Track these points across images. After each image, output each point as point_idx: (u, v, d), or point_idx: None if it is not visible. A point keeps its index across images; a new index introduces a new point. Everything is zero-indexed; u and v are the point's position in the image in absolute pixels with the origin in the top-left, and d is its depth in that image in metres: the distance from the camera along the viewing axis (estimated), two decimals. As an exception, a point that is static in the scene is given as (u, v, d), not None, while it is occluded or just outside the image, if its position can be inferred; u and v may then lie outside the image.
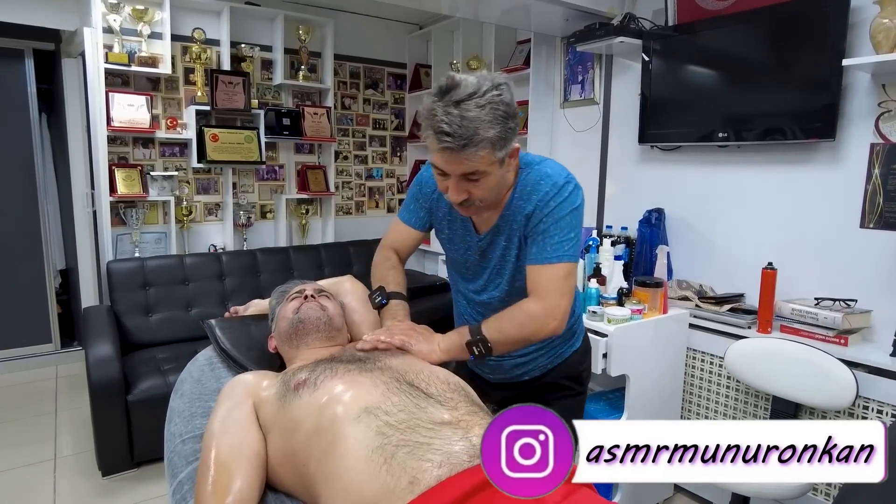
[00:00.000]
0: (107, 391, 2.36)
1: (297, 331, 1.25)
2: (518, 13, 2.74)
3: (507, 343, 1.22)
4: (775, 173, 2.25)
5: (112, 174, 3.08)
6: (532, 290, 1.21)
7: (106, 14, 2.98)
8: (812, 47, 2.02)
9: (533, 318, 1.18)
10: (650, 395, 2.14)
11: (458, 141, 1.05)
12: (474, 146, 1.06)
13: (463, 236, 1.35)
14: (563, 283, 1.20)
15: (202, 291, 3.07)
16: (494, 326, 1.20)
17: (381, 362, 1.08)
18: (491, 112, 1.06)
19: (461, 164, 1.10)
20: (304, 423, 0.97)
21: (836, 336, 1.91)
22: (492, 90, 1.07)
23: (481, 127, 1.05)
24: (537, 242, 1.21)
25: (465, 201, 1.16)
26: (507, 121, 1.09)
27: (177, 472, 1.10)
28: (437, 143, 1.08)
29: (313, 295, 1.31)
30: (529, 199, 1.22)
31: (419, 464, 0.83)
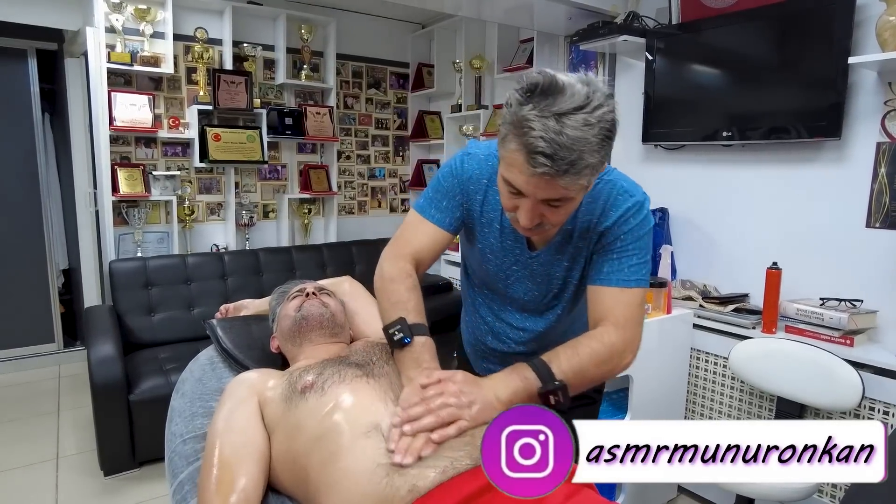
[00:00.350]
0: (109, 391, 2.35)
1: (300, 328, 1.24)
2: (521, 12, 2.73)
3: (584, 384, 1.01)
4: (780, 172, 2.23)
5: (114, 174, 3.08)
6: (605, 317, 1.04)
7: (108, 14, 2.98)
8: (817, 45, 2.00)
9: (614, 351, 1.01)
10: (654, 395, 2.13)
11: (558, 166, 0.84)
12: (575, 173, 0.86)
13: (512, 248, 1.15)
14: (640, 311, 1.07)
15: (204, 291, 3.07)
16: (570, 366, 0.98)
17: (387, 367, 1.07)
18: (600, 133, 0.85)
19: (550, 191, 0.90)
20: (308, 428, 0.96)
21: (841, 336, 1.90)
22: (603, 105, 0.86)
23: (587, 151, 0.85)
24: (611, 262, 1.06)
25: (538, 226, 0.97)
26: (611, 143, 0.89)
27: (177, 473, 1.09)
28: (529, 165, 0.86)
29: (314, 292, 1.30)
30: (606, 213, 1.07)
31: (419, 470, 0.82)
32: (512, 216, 1.00)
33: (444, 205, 1.15)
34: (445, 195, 1.15)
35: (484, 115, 3.56)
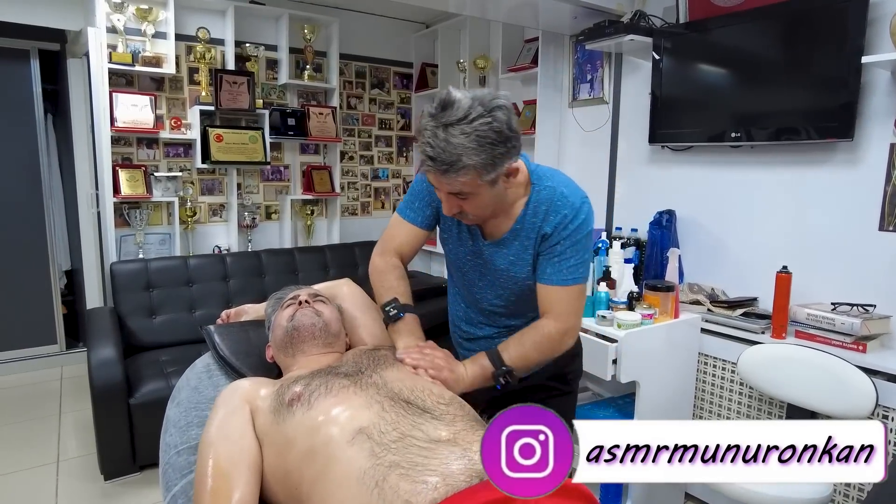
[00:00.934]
0: (109, 394, 2.33)
1: (292, 339, 1.21)
2: (526, 11, 2.69)
3: (529, 367, 1.24)
4: (790, 174, 2.19)
5: (116, 175, 3.06)
6: (548, 310, 1.23)
7: (110, 14, 2.96)
8: (829, 44, 1.95)
9: (552, 340, 1.22)
10: (661, 401, 2.09)
11: (439, 165, 1.07)
12: (455, 172, 1.07)
13: (469, 239, 1.33)
14: (578, 303, 1.25)
15: (206, 293, 3.04)
16: (517, 353, 1.21)
17: (375, 376, 1.04)
18: (476, 140, 1.05)
19: (447, 185, 1.12)
20: (297, 443, 0.94)
21: (853, 342, 1.85)
22: (482, 116, 1.05)
23: (465, 154, 1.05)
24: (553, 264, 1.22)
25: (459, 214, 1.19)
26: (496, 147, 1.07)
27: (171, 486, 1.07)
28: (423, 166, 1.11)
29: (307, 300, 1.27)
30: (546, 219, 1.22)
31: (413, 486, 0.79)
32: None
33: (416, 206, 1.35)
34: (417, 197, 1.35)
35: (488, 116, 3.52)
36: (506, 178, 1.15)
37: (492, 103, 1.06)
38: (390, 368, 1.08)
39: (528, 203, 1.23)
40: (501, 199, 1.20)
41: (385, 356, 1.15)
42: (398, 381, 1.03)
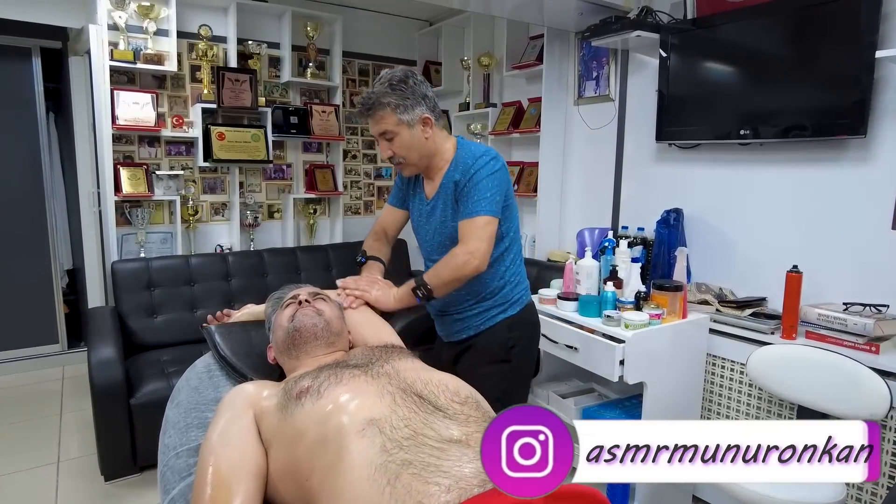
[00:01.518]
0: (109, 394, 2.31)
1: (293, 340, 1.17)
2: (530, 7, 2.67)
3: (442, 283, 1.49)
4: (800, 172, 2.15)
5: (117, 173, 3.03)
6: (460, 239, 1.51)
7: (111, 11, 2.94)
8: (841, 39, 1.92)
9: (457, 258, 1.47)
10: (668, 403, 2.06)
11: (365, 110, 1.50)
12: (376, 109, 1.48)
13: (419, 205, 1.69)
14: (481, 230, 1.48)
15: (208, 292, 3.02)
16: (433, 273, 1.51)
17: (388, 366, 1.01)
18: (388, 86, 1.47)
19: (375, 125, 1.51)
20: (307, 434, 0.91)
21: (866, 343, 1.82)
22: (388, 72, 1.50)
23: (381, 96, 1.47)
24: (462, 203, 1.52)
25: (392, 158, 1.55)
26: (405, 90, 1.47)
27: (169, 489, 1.04)
28: (358, 113, 1.56)
29: (308, 299, 1.24)
30: (457, 169, 1.55)
31: (425, 487, 0.76)
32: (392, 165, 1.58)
33: (394, 191, 1.80)
34: (396, 185, 1.80)
35: (493, 113, 3.49)
36: (422, 126, 1.51)
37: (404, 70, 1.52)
38: (403, 360, 1.05)
39: (451, 162, 1.57)
40: (423, 147, 1.53)
41: (397, 350, 1.12)
42: (411, 372, 1.00)
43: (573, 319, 2.10)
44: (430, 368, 1.07)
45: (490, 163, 1.52)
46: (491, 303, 1.63)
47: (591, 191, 3.04)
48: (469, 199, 1.49)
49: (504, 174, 1.56)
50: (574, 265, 2.20)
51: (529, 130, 3.20)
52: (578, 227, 3.00)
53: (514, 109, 3.40)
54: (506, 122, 3.40)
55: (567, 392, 2.34)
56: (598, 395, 2.35)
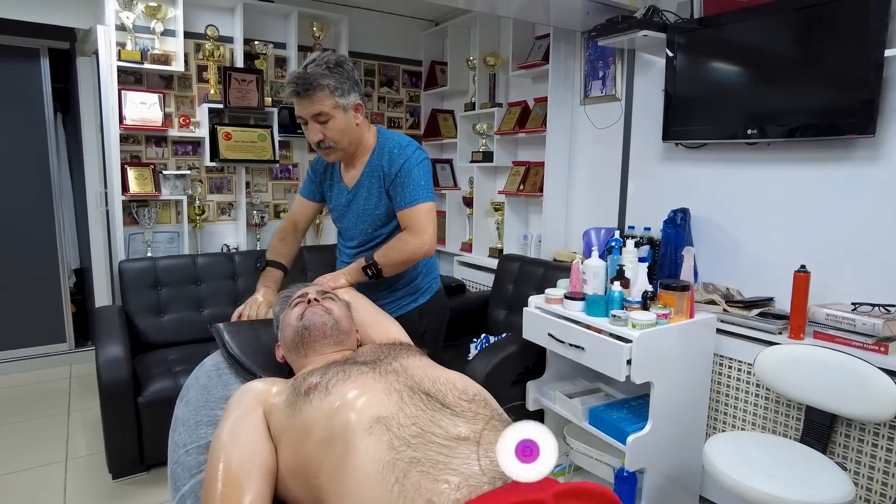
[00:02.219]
0: (117, 393, 2.32)
1: (302, 339, 1.18)
2: (536, 6, 2.66)
3: (392, 265, 1.58)
4: (808, 171, 2.15)
5: (124, 173, 3.05)
6: (407, 227, 1.59)
7: (119, 11, 2.95)
8: (850, 38, 1.91)
9: (409, 244, 1.57)
10: (676, 403, 2.05)
11: (301, 89, 1.48)
12: (313, 90, 1.47)
13: (338, 194, 1.74)
14: (427, 216, 1.59)
15: (214, 292, 3.03)
16: (382, 253, 1.58)
17: (395, 363, 1.01)
18: (326, 68, 1.49)
19: (310, 107, 1.50)
20: (315, 430, 0.91)
21: (875, 343, 1.81)
22: (325, 56, 1.52)
23: (319, 77, 1.48)
24: (398, 193, 1.59)
25: (321, 142, 1.56)
26: (342, 74, 1.51)
27: (179, 486, 1.04)
28: (290, 93, 1.50)
29: (316, 298, 1.24)
30: (391, 161, 1.61)
31: (435, 485, 0.76)
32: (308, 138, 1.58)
33: (307, 183, 1.84)
34: (308, 178, 1.84)
35: (498, 113, 3.49)
36: (355, 112, 1.56)
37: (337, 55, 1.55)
38: (411, 358, 1.05)
39: (374, 150, 1.65)
40: (354, 133, 1.59)
41: (405, 347, 1.12)
42: (419, 370, 1.00)
43: (580, 319, 2.09)
44: (437, 366, 1.07)
45: (417, 152, 1.63)
46: (403, 292, 1.76)
47: (597, 191, 3.04)
48: (406, 189, 1.59)
49: (429, 164, 1.67)
50: (581, 265, 2.19)
51: (535, 130, 3.20)
52: (584, 226, 3.00)
53: (520, 109, 3.40)
54: (511, 122, 3.40)
55: (573, 392, 2.34)
56: (604, 395, 2.34)
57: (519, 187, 3.36)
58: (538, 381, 2.44)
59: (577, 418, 2.19)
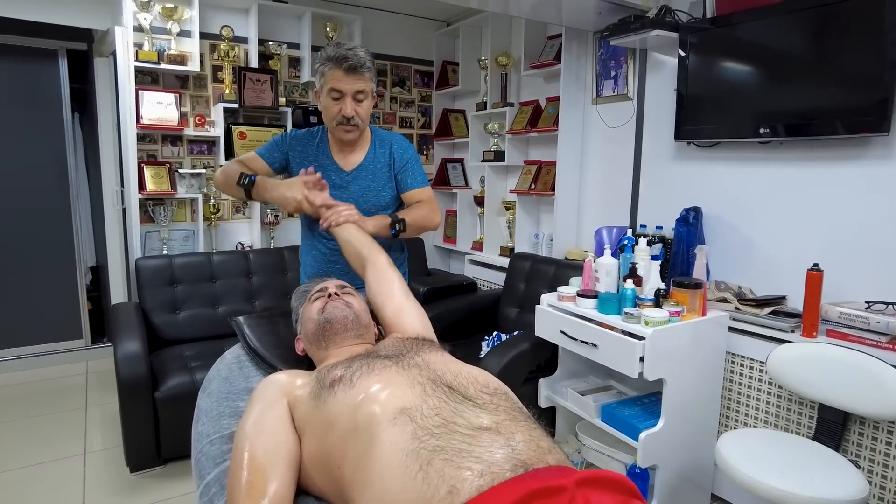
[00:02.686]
0: (134, 388, 2.36)
1: (324, 331, 1.21)
2: (549, 6, 2.67)
3: (415, 226, 1.70)
4: (821, 170, 2.15)
5: (141, 171, 3.09)
6: (422, 201, 1.76)
7: (137, 13, 3.00)
8: (864, 36, 1.91)
9: (434, 213, 1.76)
10: (688, 400, 2.06)
11: (356, 62, 1.58)
12: (363, 69, 1.60)
13: (331, 175, 1.73)
14: (433, 197, 1.81)
15: (229, 289, 3.07)
16: (406, 213, 1.71)
17: (418, 358, 1.03)
18: (365, 53, 1.62)
19: (355, 83, 1.59)
20: (339, 422, 0.93)
21: (889, 342, 1.81)
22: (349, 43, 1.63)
23: (368, 60, 1.62)
24: (410, 175, 1.78)
25: (352, 119, 1.63)
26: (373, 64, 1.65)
27: (204, 474, 1.07)
28: (341, 67, 1.57)
29: (337, 292, 1.27)
30: (394, 150, 1.78)
31: (458, 472, 0.78)
32: (336, 120, 1.63)
33: (270, 148, 1.80)
34: (274, 145, 1.80)
35: (510, 113, 3.51)
36: (373, 101, 1.69)
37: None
38: (433, 353, 1.07)
39: (372, 141, 1.78)
40: (368, 119, 1.69)
41: (428, 342, 1.14)
42: (441, 364, 1.02)
43: (592, 317, 2.11)
44: (458, 362, 1.09)
45: (405, 140, 1.84)
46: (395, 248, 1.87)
47: (608, 189, 3.05)
48: (416, 172, 1.79)
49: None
50: (593, 263, 2.21)
51: (547, 129, 3.21)
52: (596, 225, 3.01)
53: (532, 109, 3.41)
54: (523, 122, 3.41)
55: (586, 389, 2.35)
56: (616, 393, 2.35)
57: (530, 186, 3.37)
58: (550, 379, 2.45)
59: (590, 415, 2.20)
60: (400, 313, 1.32)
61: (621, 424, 2.08)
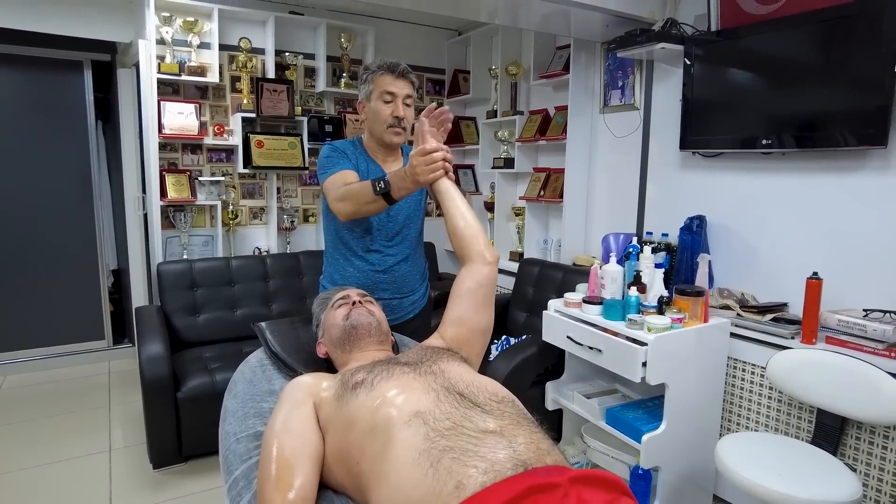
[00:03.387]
0: (158, 388, 2.46)
1: (349, 336, 1.30)
2: (557, 19, 2.75)
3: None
4: (822, 181, 2.20)
5: (163, 179, 3.21)
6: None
7: (159, 27, 3.11)
8: (863, 51, 1.97)
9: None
10: (690, 404, 2.13)
11: (406, 69, 1.74)
12: (411, 76, 1.76)
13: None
14: None
15: (247, 293, 3.17)
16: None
17: (435, 366, 1.12)
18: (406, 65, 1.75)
19: (406, 87, 1.74)
20: (359, 422, 1.02)
21: (885, 349, 1.86)
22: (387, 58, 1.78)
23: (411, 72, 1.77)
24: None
25: (402, 121, 1.74)
26: None
27: (232, 470, 1.16)
28: (393, 72, 1.72)
29: (360, 300, 1.36)
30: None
31: (464, 469, 0.86)
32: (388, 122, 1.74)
33: (343, 161, 1.76)
34: (339, 157, 1.77)
35: (519, 121, 3.59)
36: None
37: None
38: (450, 363, 1.15)
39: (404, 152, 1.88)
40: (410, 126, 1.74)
41: (446, 353, 1.22)
42: (455, 374, 1.10)
43: (597, 322, 2.18)
44: (472, 372, 1.17)
45: None
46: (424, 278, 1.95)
47: (615, 197, 3.12)
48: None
49: None
50: (599, 270, 2.28)
51: (556, 138, 3.29)
52: (603, 232, 3.08)
53: (541, 117, 3.49)
54: (532, 130, 3.49)
55: (591, 392, 2.42)
56: (621, 396, 2.42)
57: (539, 193, 3.45)
58: (557, 382, 2.53)
59: (595, 418, 2.28)
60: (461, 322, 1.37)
61: (625, 427, 2.15)
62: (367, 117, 1.79)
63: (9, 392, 3.40)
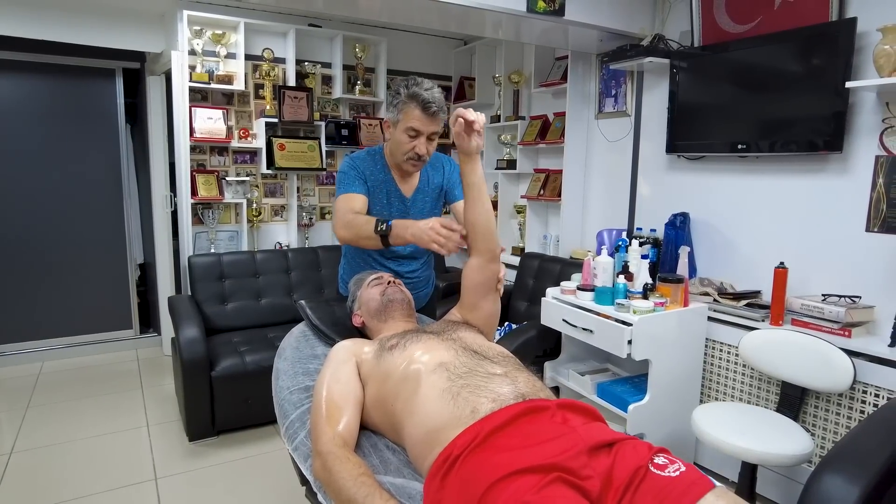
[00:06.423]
0: (195, 368, 2.73)
1: (386, 308, 1.58)
2: (556, 34, 3.02)
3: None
4: (789, 182, 2.48)
5: (193, 179, 3.49)
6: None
7: (191, 39, 3.39)
8: (822, 68, 2.24)
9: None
10: (672, 379, 2.40)
11: (439, 108, 1.70)
12: (443, 113, 1.72)
13: (395, 202, 1.87)
14: None
15: (271, 283, 3.45)
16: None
17: (455, 334, 1.40)
18: (442, 96, 1.72)
19: (434, 125, 1.72)
20: (394, 374, 1.30)
21: (840, 329, 2.13)
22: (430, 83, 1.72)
23: (443, 104, 1.71)
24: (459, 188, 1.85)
25: (422, 157, 1.76)
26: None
27: (288, 415, 1.44)
28: (424, 110, 1.68)
29: (393, 281, 1.64)
30: (437, 168, 1.94)
31: (478, 399, 1.14)
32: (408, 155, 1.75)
33: (355, 182, 1.81)
34: (353, 178, 1.82)
35: (521, 126, 3.86)
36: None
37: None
38: (467, 332, 1.43)
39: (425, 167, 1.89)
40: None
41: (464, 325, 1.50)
42: (471, 339, 1.39)
43: (590, 307, 2.46)
44: (485, 339, 1.46)
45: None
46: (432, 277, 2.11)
47: (609, 196, 3.39)
48: (458, 188, 1.89)
49: None
50: (592, 261, 2.56)
51: (555, 142, 3.56)
52: (598, 228, 3.35)
53: (541, 122, 3.76)
54: (533, 134, 3.76)
55: (585, 370, 2.70)
56: (611, 374, 2.70)
57: (539, 192, 3.72)
58: (554, 362, 2.81)
59: (588, 392, 2.55)
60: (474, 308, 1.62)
61: (614, 398, 2.42)
62: (391, 139, 1.79)
63: (48, 376, 3.68)
